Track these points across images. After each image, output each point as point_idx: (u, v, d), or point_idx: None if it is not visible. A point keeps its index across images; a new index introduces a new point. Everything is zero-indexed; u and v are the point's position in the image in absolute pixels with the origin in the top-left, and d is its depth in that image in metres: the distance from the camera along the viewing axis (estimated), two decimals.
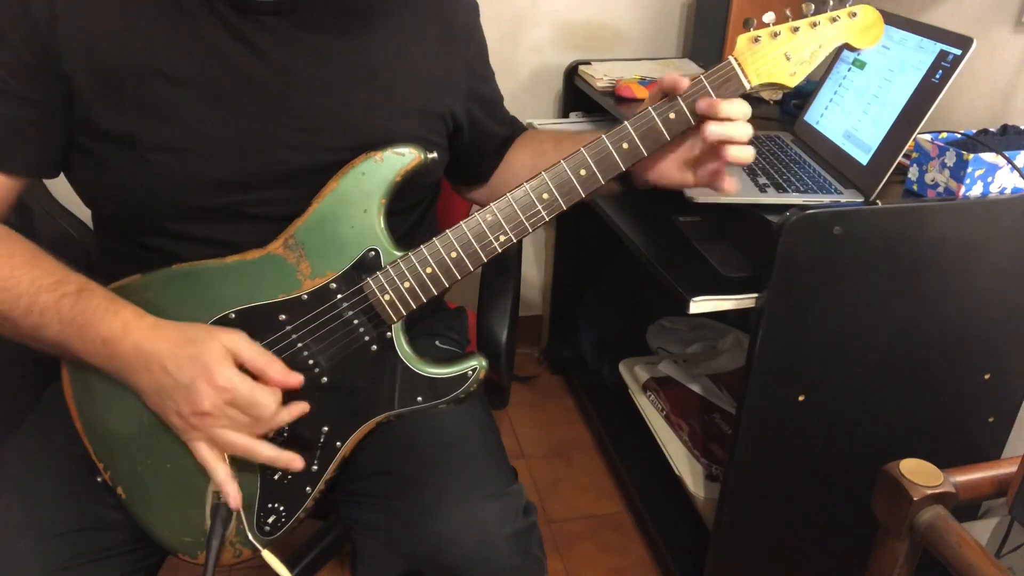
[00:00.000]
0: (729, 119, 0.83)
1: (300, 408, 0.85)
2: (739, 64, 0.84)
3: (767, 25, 0.85)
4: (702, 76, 0.84)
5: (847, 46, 0.87)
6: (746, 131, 0.84)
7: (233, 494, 0.84)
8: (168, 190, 0.84)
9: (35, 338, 0.82)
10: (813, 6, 0.85)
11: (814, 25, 0.85)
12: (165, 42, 0.82)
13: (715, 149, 0.86)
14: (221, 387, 0.78)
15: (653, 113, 0.85)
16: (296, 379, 0.84)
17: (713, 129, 0.83)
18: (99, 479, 0.89)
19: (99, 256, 0.98)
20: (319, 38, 0.87)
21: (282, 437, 0.88)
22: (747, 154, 0.85)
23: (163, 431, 0.87)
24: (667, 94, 0.85)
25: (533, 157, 1.07)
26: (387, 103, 0.90)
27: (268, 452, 0.83)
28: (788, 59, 0.85)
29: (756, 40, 0.85)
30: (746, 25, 0.85)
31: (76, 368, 0.88)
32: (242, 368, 0.80)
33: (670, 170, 0.92)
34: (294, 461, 0.85)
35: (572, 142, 0.99)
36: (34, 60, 0.80)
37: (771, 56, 0.85)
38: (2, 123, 0.82)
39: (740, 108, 0.83)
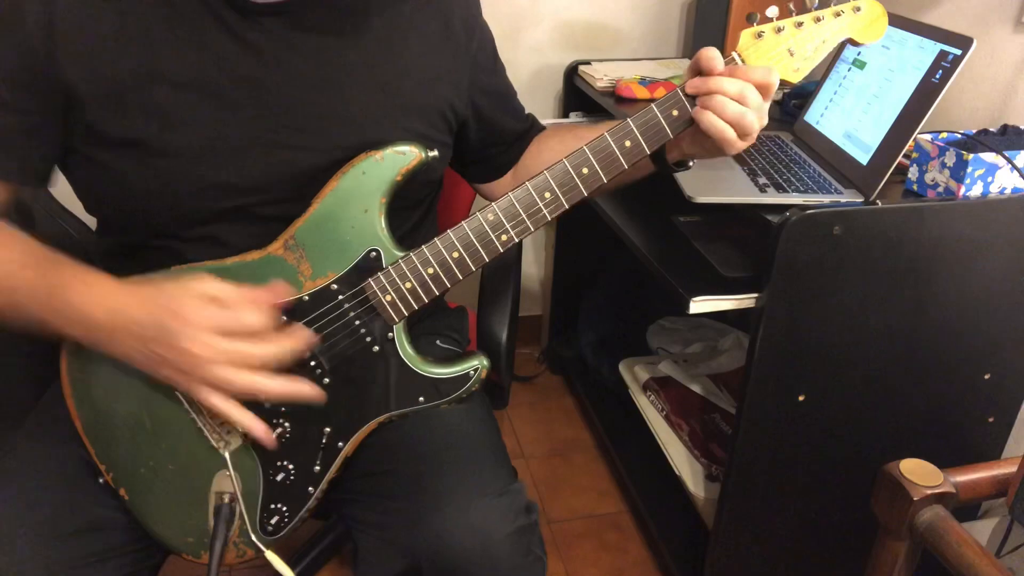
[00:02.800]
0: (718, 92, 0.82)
1: (302, 335, 0.82)
2: (742, 60, 0.84)
3: (770, 20, 0.84)
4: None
5: (851, 41, 0.87)
6: (722, 105, 0.82)
7: (263, 432, 0.81)
8: (169, 193, 0.84)
9: (18, 318, 0.81)
10: (817, 1, 0.85)
11: (818, 20, 0.85)
12: (164, 46, 0.82)
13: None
14: (194, 321, 0.75)
15: (656, 110, 0.84)
16: (279, 287, 0.81)
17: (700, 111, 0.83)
18: (100, 480, 0.89)
19: (100, 256, 0.98)
20: (317, 38, 0.87)
21: (285, 438, 0.88)
22: (728, 132, 0.82)
23: (165, 431, 0.87)
24: (700, 72, 0.84)
25: (563, 142, 1.05)
26: (387, 101, 0.90)
27: (274, 386, 0.78)
28: (791, 55, 0.85)
29: (759, 35, 0.84)
30: (749, 20, 0.84)
31: (76, 369, 0.88)
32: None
33: (689, 138, 0.89)
34: (304, 388, 0.81)
35: (606, 128, 0.98)
36: (28, 70, 0.80)
37: (774, 52, 0.85)
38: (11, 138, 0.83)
39: (731, 85, 0.81)
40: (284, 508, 0.89)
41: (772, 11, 0.84)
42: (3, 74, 0.80)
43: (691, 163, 0.95)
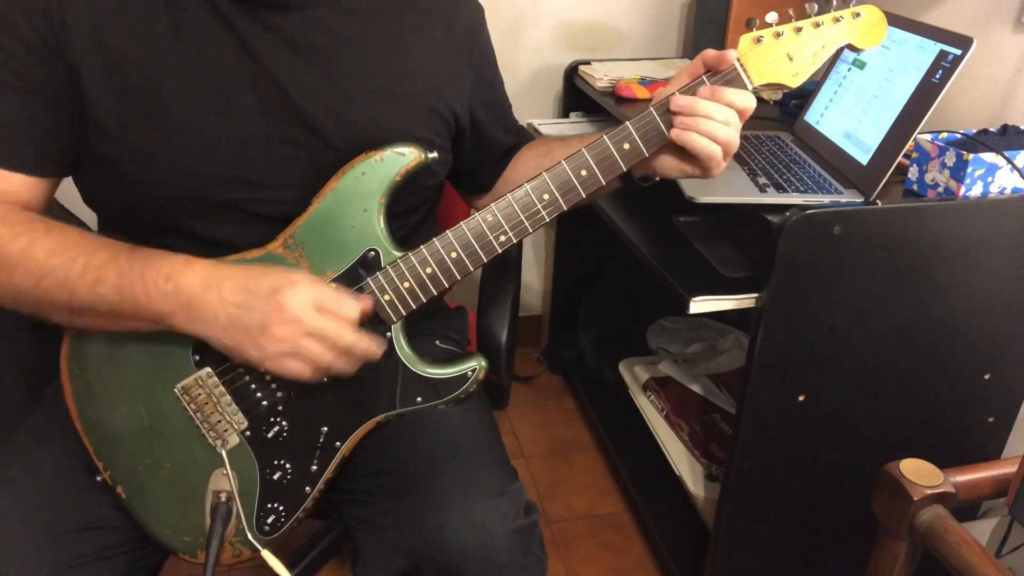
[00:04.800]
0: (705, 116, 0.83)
1: (381, 343, 0.84)
2: (741, 64, 0.84)
3: (770, 25, 0.84)
4: (704, 77, 0.85)
5: (850, 46, 0.87)
6: (713, 129, 0.83)
7: (374, 348, 0.83)
8: (170, 188, 0.84)
9: (92, 300, 0.79)
10: (816, 6, 0.85)
11: (817, 25, 0.85)
12: (167, 40, 0.82)
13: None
14: (307, 290, 0.78)
15: (655, 113, 0.85)
16: (367, 301, 0.84)
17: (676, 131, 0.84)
18: (98, 478, 0.89)
19: None
20: (320, 36, 0.87)
21: (282, 437, 0.88)
22: (710, 149, 0.84)
23: (163, 429, 0.87)
24: (709, 70, 0.85)
25: (538, 157, 1.07)
26: (388, 102, 0.90)
27: (350, 366, 0.83)
28: (791, 59, 0.85)
29: (759, 40, 0.84)
30: (749, 25, 0.85)
31: (75, 367, 0.88)
32: None
33: (670, 161, 0.90)
34: (372, 347, 0.83)
35: (580, 142, 0.99)
36: (45, 43, 0.79)
37: (774, 56, 0.85)
38: (29, 125, 0.82)
39: (719, 112, 0.83)
40: (281, 508, 0.89)
41: (771, 16, 0.84)
42: (30, 60, 0.80)
43: (656, 178, 0.95)
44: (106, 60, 0.81)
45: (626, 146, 0.85)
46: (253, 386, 0.87)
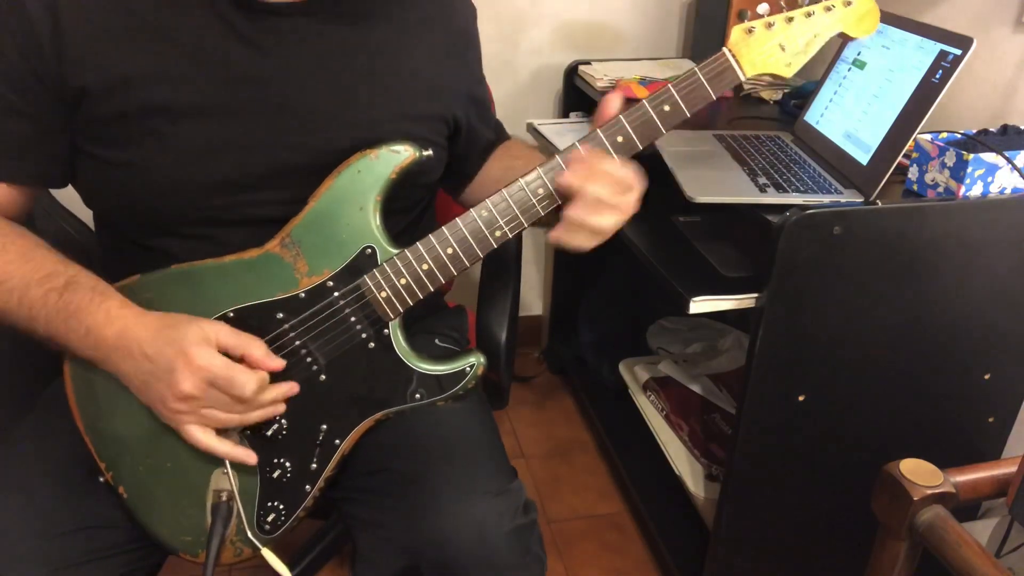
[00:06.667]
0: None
1: (288, 387, 0.85)
2: (733, 55, 0.84)
3: (761, 16, 0.85)
4: (696, 68, 0.84)
5: (842, 35, 0.87)
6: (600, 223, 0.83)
7: (247, 458, 0.84)
8: (171, 191, 0.85)
9: (27, 327, 0.83)
10: None
11: (809, 15, 0.85)
12: (168, 44, 0.82)
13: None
14: (199, 367, 0.77)
15: (648, 106, 0.84)
16: (277, 363, 0.83)
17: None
18: (100, 479, 0.89)
19: (100, 256, 0.98)
20: (321, 38, 0.87)
21: (281, 435, 0.88)
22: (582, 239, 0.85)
23: (164, 430, 0.87)
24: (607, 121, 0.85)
25: (504, 171, 1.05)
26: (390, 104, 0.91)
27: (224, 448, 0.83)
28: (783, 49, 0.85)
29: (750, 31, 0.85)
30: (740, 16, 0.85)
31: (78, 367, 0.88)
32: (226, 355, 0.80)
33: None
34: (249, 457, 0.85)
35: (540, 156, 0.98)
36: (33, 73, 0.80)
37: (766, 47, 0.85)
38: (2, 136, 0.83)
39: (593, 188, 0.82)
40: (281, 506, 0.89)
41: (763, 7, 0.85)
42: (13, 76, 0.81)
43: None
44: (108, 72, 0.81)
45: (620, 139, 0.85)
46: None
